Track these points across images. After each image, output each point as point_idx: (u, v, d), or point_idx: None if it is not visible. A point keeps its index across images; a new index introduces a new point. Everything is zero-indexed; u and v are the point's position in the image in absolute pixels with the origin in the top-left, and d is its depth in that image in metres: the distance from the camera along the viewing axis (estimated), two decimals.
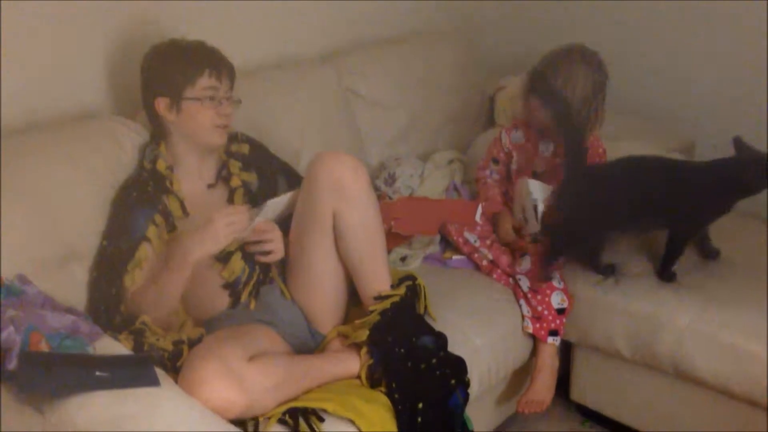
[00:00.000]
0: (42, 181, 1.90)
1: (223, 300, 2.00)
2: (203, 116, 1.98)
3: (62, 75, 2.16)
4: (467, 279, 2.35)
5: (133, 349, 1.76)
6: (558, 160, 2.45)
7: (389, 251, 2.29)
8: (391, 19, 3.06)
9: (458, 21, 3.31)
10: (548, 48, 2.35)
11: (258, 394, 1.69)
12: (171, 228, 1.96)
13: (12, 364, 1.54)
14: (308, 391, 1.82)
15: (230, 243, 1.89)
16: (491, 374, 2.19)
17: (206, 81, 1.97)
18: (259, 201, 2.01)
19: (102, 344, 1.72)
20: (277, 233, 2.00)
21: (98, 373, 1.57)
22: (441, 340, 1.95)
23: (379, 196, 2.52)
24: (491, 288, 2.33)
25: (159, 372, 1.65)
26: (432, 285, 2.14)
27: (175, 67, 1.96)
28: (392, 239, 2.29)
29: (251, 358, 1.73)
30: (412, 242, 2.45)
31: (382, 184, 2.65)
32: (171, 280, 1.86)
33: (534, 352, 2.31)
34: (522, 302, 2.29)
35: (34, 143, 1.98)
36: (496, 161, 2.55)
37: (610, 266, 2.34)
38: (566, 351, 2.43)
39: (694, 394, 2.21)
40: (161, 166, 2.01)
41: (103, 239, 1.97)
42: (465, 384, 1.92)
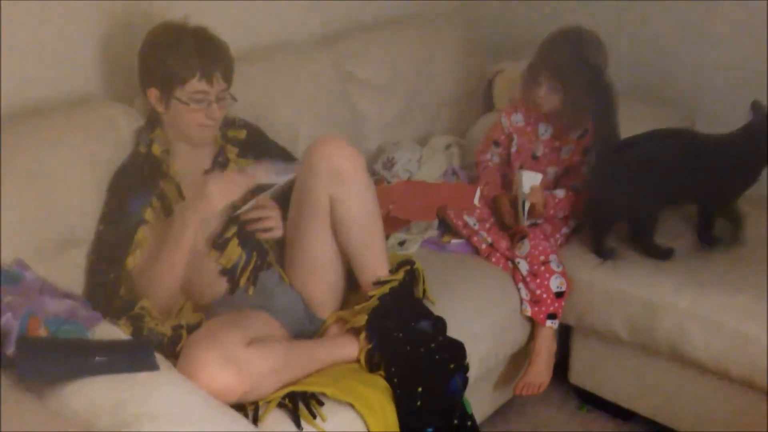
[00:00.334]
0: (40, 167, 1.89)
1: (222, 286, 2.00)
2: (190, 117, 1.95)
3: (59, 60, 2.14)
4: (466, 263, 2.35)
5: (132, 334, 1.76)
6: (557, 143, 2.45)
7: (388, 236, 2.29)
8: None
9: (457, 2, 3.28)
10: (547, 31, 2.34)
11: (257, 379, 1.69)
12: (168, 212, 1.95)
13: (10, 350, 1.55)
14: (307, 376, 1.82)
15: (226, 207, 1.88)
16: (490, 358, 2.19)
17: (196, 85, 1.92)
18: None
19: (101, 329, 1.73)
20: (277, 210, 1.99)
21: (97, 358, 1.57)
22: (440, 325, 1.95)
23: (377, 181, 2.51)
24: (490, 271, 2.33)
25: (158, 357, 1.65)
26: (430, 269, 2.13)
27: (168, 64, 1.91)
28: (391, 224, 2.29)
29: (250, 343, 1.73)
30: (411, 227, 2.45)
31: (381, 168, 2.64)
32: (170, 257, 1.86)
33: (532, 336, 2.32)
34: (521, 286, 2.29)
35: (31, 129, 1.96)
36: (497, 144, 2.54)
37: (611, 249, 2.34)
38: (565, 334, 2.43)
39: (693, 377, 2.21)
40: (156, 151, 1.99)
41: (100, 224, 1.96)
42: (464, 368, 1.92)
